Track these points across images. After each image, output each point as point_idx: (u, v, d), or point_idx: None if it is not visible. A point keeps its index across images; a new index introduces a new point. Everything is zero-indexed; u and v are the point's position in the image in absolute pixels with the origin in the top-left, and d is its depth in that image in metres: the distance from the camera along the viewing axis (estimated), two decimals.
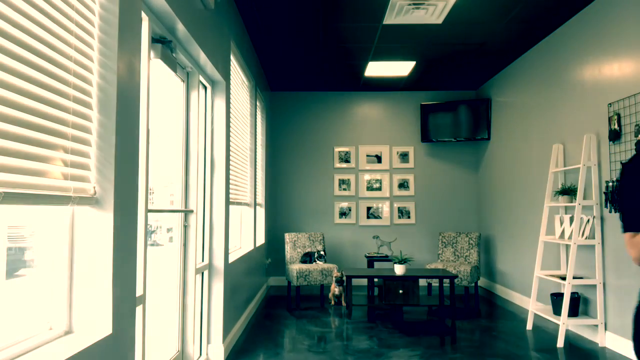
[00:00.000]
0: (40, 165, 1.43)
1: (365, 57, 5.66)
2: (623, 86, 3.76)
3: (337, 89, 7.12)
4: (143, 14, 2.32)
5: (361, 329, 4.49)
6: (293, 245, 6.03)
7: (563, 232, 4.35)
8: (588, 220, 4.09)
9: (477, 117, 6.71)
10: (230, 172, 4.20)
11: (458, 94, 7.24)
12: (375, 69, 6.06)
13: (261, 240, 6.25)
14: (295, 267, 5.43)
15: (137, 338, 2.12)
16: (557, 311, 4.26)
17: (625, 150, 3.70)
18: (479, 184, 7.05)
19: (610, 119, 3.86)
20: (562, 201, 4.34)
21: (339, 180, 7.12)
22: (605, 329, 3.97)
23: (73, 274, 1.72)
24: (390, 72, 6.22)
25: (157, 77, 2.72)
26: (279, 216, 7.10)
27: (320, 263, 5.72)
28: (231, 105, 4.22)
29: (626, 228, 1.42)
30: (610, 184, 3.78)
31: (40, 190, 1.41)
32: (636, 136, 3.56)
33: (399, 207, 7.10)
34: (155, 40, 2.56)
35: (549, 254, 4.93)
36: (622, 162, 3.70)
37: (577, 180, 4.40)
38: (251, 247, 5.26)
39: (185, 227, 3.26)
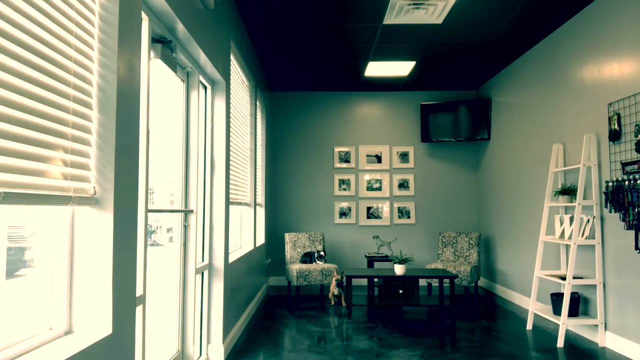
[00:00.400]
0: (40, 165, 1.43)
1: (365, 57, 5.66)
2: (623, 86, 3.76)
3: (337, 89, 7.11)
4: (143, 14, 2.32)
5: (361, 329, 4.49)
6: (293, 245, 6.04)
7: (563, 232, 4.35)
8: (588, 220, 4.09)
9: (477, 117, 6.71)
10: (230, 172, 4.20)
11: (458, 94, 7.24)
12: (375, 69, 6.06)
13: (261, 240, 6.25)
14: (295, 267, 5.43)
15: (137, 338, 2.12)
16: (557, 311, 4.26)
17: (625, 150, 3.70)
18: (479, 184, 7.05)
19: (610, 119, 3.86)
20: (562, 201, 4.34)
21: (339, 180, 7.12)
22: (605, 329, 3.97)
23: (73, 274, 1.72)
24: (390, 72, 6.22)
25: (157, 77, 2.72)
26: (279, 216, 7.10)
27: (320, 263, 5.72)
28: (231, 105, 4.22)
29: None
30: (610, 184, 3.78)
31: (40, 190, 1.41)
32: (636, 136, 3.56)
33: (399, 207, 7.10)
34: (155, 40, 2.56)
35: (549, 254, 4.93)
36: (622, 162, 3.70)
37: (577, 180, 4.40)
38: (251, 247, 5.26)
39: (185, 227, 3.26)
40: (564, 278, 4.18)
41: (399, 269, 4.41)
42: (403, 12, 4.31)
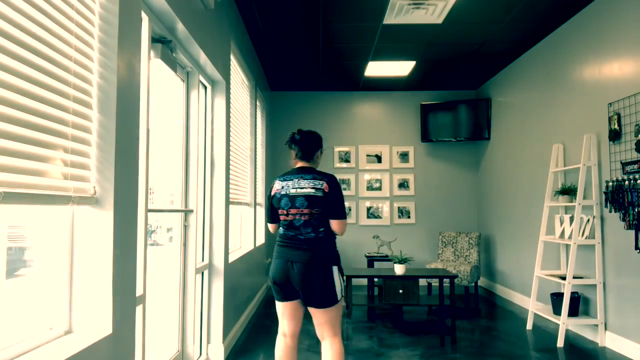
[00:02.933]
0: (40, 165, 1.43)
1: (365, 57, 5.66)
2: (623, 86, 3.76)
3: (337, 89, 7.11)
4: (143, 14, 2.32)
5: (361, 329, 4.49)
6: None
7: (563, 232, 4.35)
8: (588, 220, 4.09)
9: (477, 117, 6.71)
10: (230, 172, 4.20)
11: (458, 94, 7.24)
12: (375, 69, 6.06)
13: (261, 240, 6.25)
14: None
15: (137, 338, 2.12)
16: (557, 311, 4.26)
17: (625, 150, 3.70)
18: (479, 184, 7.05)
19: (610, 119, 3.86)
20: (562, 201, 4.34)
21: (339, 180, 7.12)
22: (605, 328, 3.97)
23: (73, 274, 1.72)
24: (390, 72, 6.22)
25: (157, 77, 2.72)
26: None
27: None
28: (231, 105, 4.22)
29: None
30: (610, 183, 3.78)
31: (40, 190, 1.41)
32: (636, 136, 3.56)
33: (399, 207, 7.10)
34: (155, 40, 2.56)
35: (549, 254, 4.93)
36: (622, 162, 3.70)
37: (577, 180, 4.40)
38: (251, 247, 5.26)
39: (185, 227, 3.26)
40: (564, 278, 4.18)
41: (399, 269, 4.41)
42: (403, 12, 4.31)
